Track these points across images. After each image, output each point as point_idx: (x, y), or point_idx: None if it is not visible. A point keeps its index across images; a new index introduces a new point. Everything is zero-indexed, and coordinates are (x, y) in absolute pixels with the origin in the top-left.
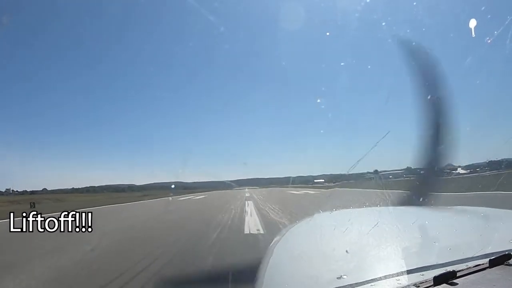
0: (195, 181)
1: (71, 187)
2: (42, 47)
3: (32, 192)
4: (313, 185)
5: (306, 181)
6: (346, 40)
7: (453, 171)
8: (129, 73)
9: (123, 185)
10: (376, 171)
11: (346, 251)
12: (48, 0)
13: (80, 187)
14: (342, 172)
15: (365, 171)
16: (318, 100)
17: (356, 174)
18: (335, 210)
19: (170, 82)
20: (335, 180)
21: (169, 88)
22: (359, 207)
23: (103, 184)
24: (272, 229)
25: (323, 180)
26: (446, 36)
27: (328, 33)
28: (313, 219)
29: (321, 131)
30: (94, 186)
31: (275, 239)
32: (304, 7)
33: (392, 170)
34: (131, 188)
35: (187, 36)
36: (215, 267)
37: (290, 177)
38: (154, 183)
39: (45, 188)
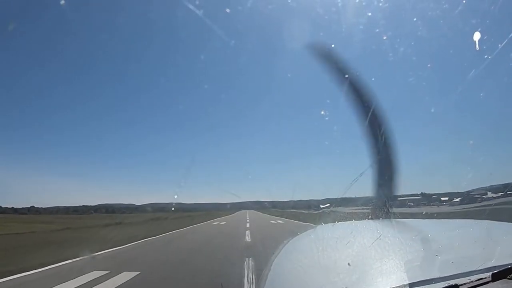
0: (195, 202)
1: (63, 205)
2: (41, 72)
3: (16, 210)
4: (319, 211)
5: (309, 206)
6: (351, 53)
7: (484, 196)
8: (128, 88)
9: (120, 204)
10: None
11: (348, 263)
12: (52, 11)
13: (75, 205)
14: (350, 196)
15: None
16: (322, 112)
17: (365, 198)
18: (337, 222)
19: (172, 100)
20: (343, 204)
21: (172, 107)
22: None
23: (104, 202)
24: None
25: (329, 205)
26: (449, 49)
27: (333, 45)
28: (315, 231)
29: (326, 142)
30: (88, 206)
31: (276, 251)
32: (310, 21)
33: (408, 196)
34: (127, 209)
35: (194, 52)
36: None
37: (297, 200)
38: (154, 203)
39: (33, 206)
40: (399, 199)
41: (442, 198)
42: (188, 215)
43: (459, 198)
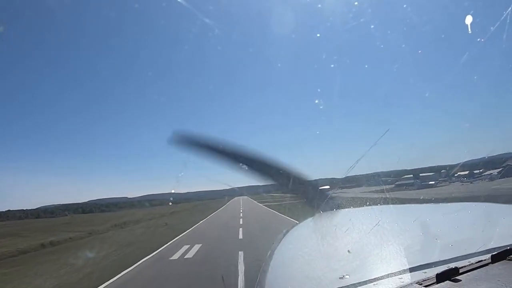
0: (188, 191)
1: (50, 204)
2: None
3: None
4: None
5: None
6: (340, 42)
7: None
8: (118, 76)
9: (112, 199)
10: (416, 175)
11: (348, 250)
12: (45, 7)
13: (64, 203)
14: (358, 173)
15: (379, 169)
16: (316, 101)
17: (365, 176)
18: (336, 210)
19: (164, 88)
20: (343, 185)
21: (163, 93)
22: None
23: (95, 198)
24: None
25: (328, 187)
26: (441, 34)
27: (318, 35)
28: (314, 219)
29: (317, 132)
30: (76, 203)
31: (277, 239)
32: (297, 11)
33: (428, 171)
34: (113, 205)
35: (182, 44)
36: None
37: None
38: (147, 195)
39: (9, 210)
40: (421, 175)
41: (461, 173)
42: (172, 212)
43: (497, 170)
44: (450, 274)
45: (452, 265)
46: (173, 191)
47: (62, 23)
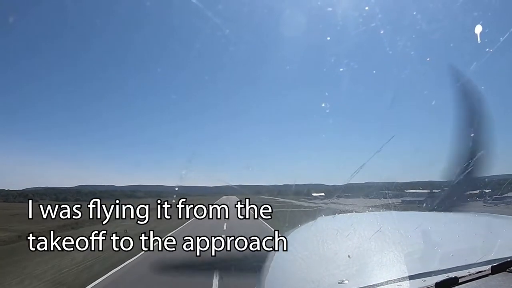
0: (179, 184)
1: (35, 187)
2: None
3: None
4: (310, 201)
5: (298, 193)
6: (349, 46)
7: None
8: (116, 65)
9: (100, 186)
10: (431, 193)
11: (348, 255)
12: (54, 5)
13: (52, 186)
14: (355, 181)
15: (383, 180)
16: (323, 105)
17: (361, 185)
18: (338, 214)
19: (164, 82)
20: (340, 193)
21: (162, 86)
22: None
23: (83, 183)
24: None
25: (323, 194)
26: (450, 43)
27: (328, 38)
28: (315, 223)
29: (323, 135)
30: (65, 187)
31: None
32: (307, 15)
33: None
34: (93, 193)
35: (193, 45)
36: None
37: (281, 185)
38: (136, 185)
39: None
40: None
41: (471, 192)
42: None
43: None
44: (449, 284)
45: (452, 274)
46: (176, 189)
47: (73, 18)
